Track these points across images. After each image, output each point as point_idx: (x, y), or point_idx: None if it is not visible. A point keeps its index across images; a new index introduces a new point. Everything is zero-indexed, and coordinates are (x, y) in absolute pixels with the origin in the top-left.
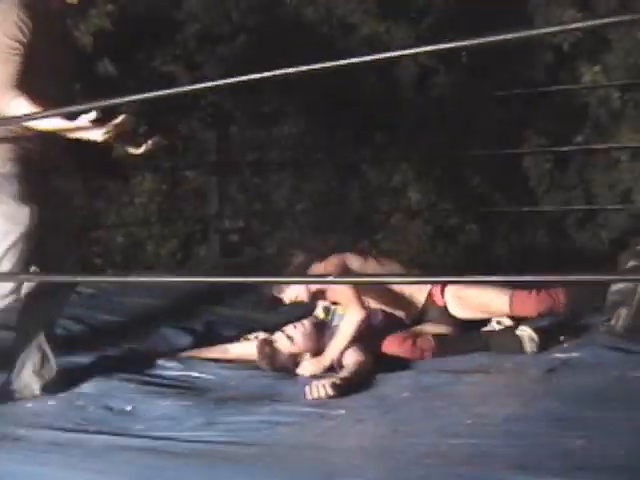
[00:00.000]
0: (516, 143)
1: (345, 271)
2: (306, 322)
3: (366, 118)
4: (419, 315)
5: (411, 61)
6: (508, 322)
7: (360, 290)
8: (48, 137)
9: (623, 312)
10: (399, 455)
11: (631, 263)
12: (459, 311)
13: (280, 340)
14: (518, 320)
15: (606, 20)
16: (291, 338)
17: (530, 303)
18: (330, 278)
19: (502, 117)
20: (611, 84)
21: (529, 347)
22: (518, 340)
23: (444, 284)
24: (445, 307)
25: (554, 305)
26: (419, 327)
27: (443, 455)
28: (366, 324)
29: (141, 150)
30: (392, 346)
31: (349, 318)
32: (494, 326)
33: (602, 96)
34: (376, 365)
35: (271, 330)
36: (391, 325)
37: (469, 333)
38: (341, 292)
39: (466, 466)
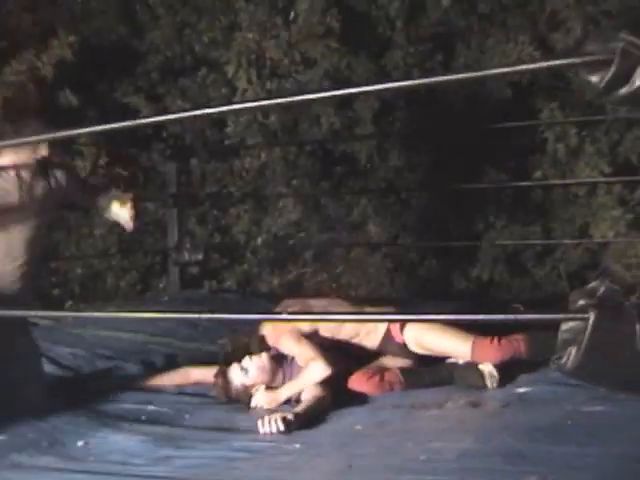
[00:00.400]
0: (476, 178)
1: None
2: (264, 354)
3: (326, 151)
4: (377, 351)
5: (371, 95)
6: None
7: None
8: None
9: (573, 350)
10: None
11: (581, 302)
12: (418, 350)
13: (234, 371)
14: None
15: (559, 62)
16: (245, 370)
17: (491, 352)
18: (284, 316)
19: (461, 152)
20: (568, 121)
21: (489, 382)
22: (480, 375)
23: (403, 323)
24: (404, 344)
25: (515, 353)
26: (379, 361)
27: None
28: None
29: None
30: (359, 383)
31: (314, 371)
32: (458, 360)
33: (560, 132)
34: (333, 400)
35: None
36: (348, 361)
37: (433, 366)
38: (302, 354)
39: None
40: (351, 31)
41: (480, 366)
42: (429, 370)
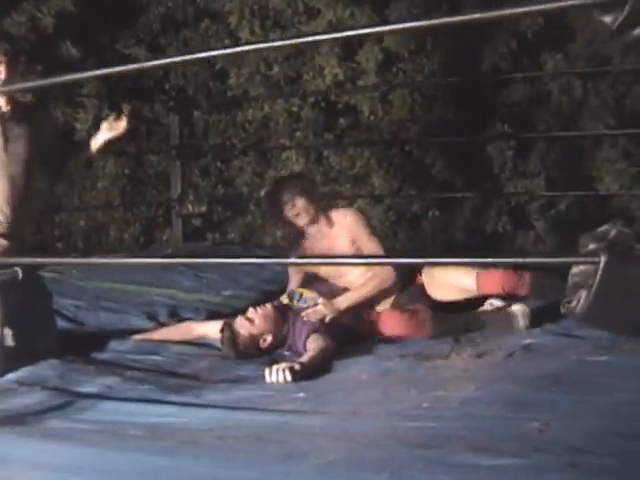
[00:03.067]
0: (479, 130)
1: None
2: (268, 305)
3: (329, 103)
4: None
5: (375, 46)
6: (499, 303)
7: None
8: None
9: (583, 294)
10: (359, 437)
11: (591, 246)
12: (432, 291)
13: (240, 322)
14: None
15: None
16: (250, 319)
17: (494, 279)
18: (292, 259)
19: (466, 104)
20: (573, 72)
21: (522, 323)
22: (512, 316)
23: (420, 267)
24: (422, 285)
25: (519, 284)
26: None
27: (401, 437)
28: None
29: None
30: (392, 323)
31: (375, 275)
32: (487, 307)
33: (565, 84)
34: (338, 351)
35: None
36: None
37: (460, 313)
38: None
39: (424, 448)
40: None
41: (511, 308)
42: (456, 316)
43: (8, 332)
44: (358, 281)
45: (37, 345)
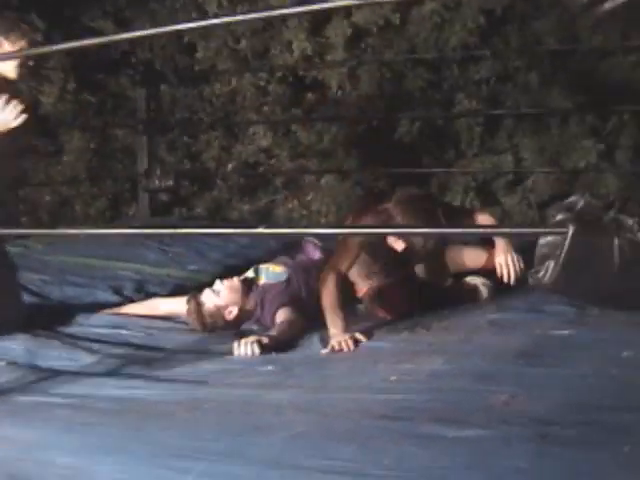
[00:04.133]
0: (447, 106)
1: None
2: (235, 278)
3: (297, 78)
4: None
5: (343, 20)
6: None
7: None
8: None
9: (551, 264)
10: (327, 409)
11: (559, 216)
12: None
13: (206, 294)
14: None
15: None
16: (216, 291)
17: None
18: (260, 229)
19: (433, 80)
20: (541, 48)
21: (484, 294)
22: (474, 288)
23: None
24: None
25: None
26: None
27: (369, 410)
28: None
29: None
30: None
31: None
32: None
33: (532, 61)
34: (305, 325)
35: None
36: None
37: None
38: None
39: (392, 420)
40: None
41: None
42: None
43: None
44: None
45: (2, 318)
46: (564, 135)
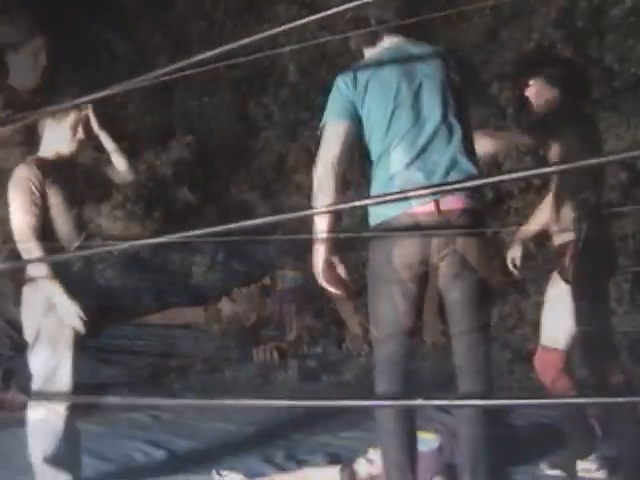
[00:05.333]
0: None
1: None
2: (252, 286)
3: None
4: None
5: None
6: None
7: None
8: None
9: None
10: None
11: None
12: None
13: (224, 301)
14: None
15: None
16: (234, 300)
17: None
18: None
19: None
20: None
21: None
22: None
23: None
24: None
25: None
26: None
27: None
28: None
29: None
30: None
31: None
32: None
33: None
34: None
35: None
36: None
37: None
38: None
39: None
40: None
41: None
42: None
43: None
44: None
45: None
46: None
